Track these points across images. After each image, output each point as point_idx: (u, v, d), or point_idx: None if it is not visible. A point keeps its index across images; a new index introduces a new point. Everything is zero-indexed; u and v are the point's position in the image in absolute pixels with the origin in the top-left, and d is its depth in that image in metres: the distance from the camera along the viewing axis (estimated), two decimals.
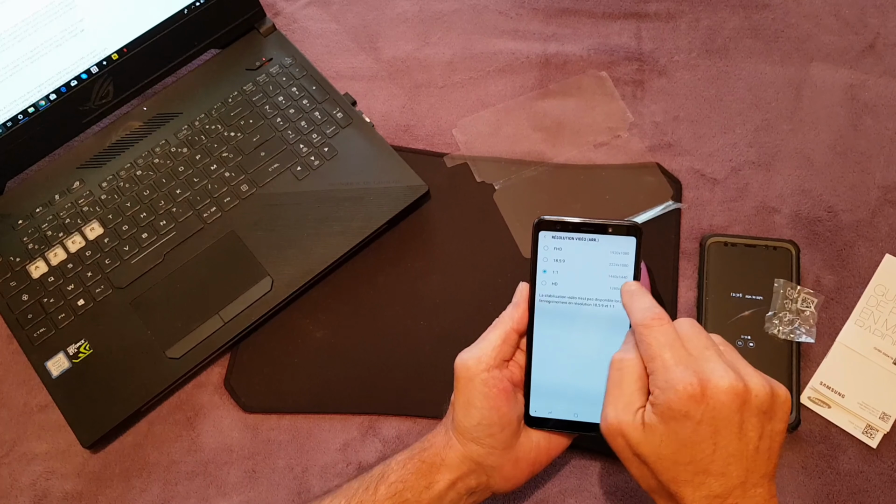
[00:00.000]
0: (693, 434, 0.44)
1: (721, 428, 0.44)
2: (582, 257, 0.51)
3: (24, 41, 0.67)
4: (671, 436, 0.44)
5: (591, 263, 0.51)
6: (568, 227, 0.51)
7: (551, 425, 0.53)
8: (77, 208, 0.72)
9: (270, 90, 0.76)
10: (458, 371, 0.52)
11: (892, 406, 0.62)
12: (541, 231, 0.51)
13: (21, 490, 0.64)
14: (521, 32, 0.81)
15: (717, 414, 0.43)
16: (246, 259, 0.68)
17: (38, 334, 0.67)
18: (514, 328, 0.52)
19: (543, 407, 0.53)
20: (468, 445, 0.52)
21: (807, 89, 0.76)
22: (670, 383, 0.44)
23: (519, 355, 0.54)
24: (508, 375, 0.52)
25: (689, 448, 0.44)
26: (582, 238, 0.51)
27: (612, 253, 0.51)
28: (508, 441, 0.52)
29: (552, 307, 0.52)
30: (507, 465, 0.52)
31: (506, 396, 0.51)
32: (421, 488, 0.52)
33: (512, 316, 0.52)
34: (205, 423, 0.66)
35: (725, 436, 0.44)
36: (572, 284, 0.52)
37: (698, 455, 0.44)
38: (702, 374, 0.44)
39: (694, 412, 0.43)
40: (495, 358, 0.51)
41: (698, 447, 0.44)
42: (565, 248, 0.51)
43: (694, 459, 0.44)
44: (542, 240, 0.52)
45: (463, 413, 0.51)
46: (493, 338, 0.52)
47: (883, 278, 0.67)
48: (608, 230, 0.51)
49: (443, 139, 0.76)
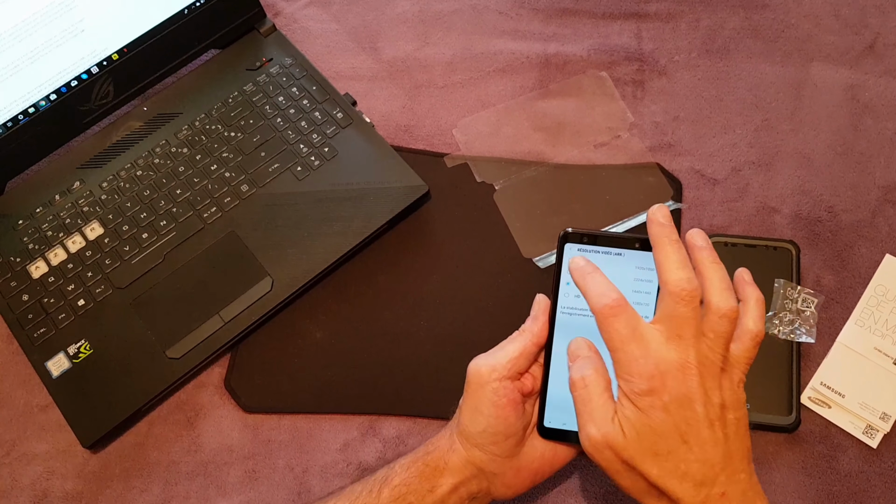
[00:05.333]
0: (665, 418, 0.44)
1: (685, 405, 0.44)
2: (606, 271, 0.51)
3: (24, 41, 0.67)
4: (647, 426, 0.44)
5: (615, 277, 0.50)
6: (594, 240, 0.51)
7: (564, 437, 0.52)
8: (77, 208, 0.72)
9: (271, 90, 0.76)
10: (470, 376, 0.52)
11: (892, 406, 0.62)
12: (567, 243, 0.51)
13: (21, 490, 0.64)
14: (522, 32, 0.81)
15: (676, 393, 0.44)
16: (246, 259, 0.68)
17: (38, 334, 0.67)
18: (535, 342, 0.52)
19: (558, 418, 0.52)
20: (471, 451, 0.52)
21: (807, 89, 0.76)
22: (633, 371, 0.44)
23: (534, 367, 0.53)
24: (520, 387, 0.52)
25: (665, 437, 0.44)
26: (608, 252, 0.51)
27: (637, 268, 0.50)
28: (512, 450, 0.52)
29: (573, 320, 0.52)
30: (509, 473, 0.52)
31: (514, 407, 0.51)
32: (424, 492, 0.52)
33: (532, 329, 0.52)
34: (205, 423, 0.66)
35: (692, 413, 0.44)
36: None
37: (673, 444, 0.44)
38: (657, 357, 0.44)
39: (659, 390, 0.44)
40: (510, 370, 0.51)
41: (672, 433, 0.44)
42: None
43: (671, 449, 0.44)
44: (568, 252, 0.51)
45: (469, 418, 0.51)
46: (511, 349, 0.51)
47: (883, 278, 0.67)
48: (635, 245, 0.50)
49: (443, 139, 0.76)
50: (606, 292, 0.46)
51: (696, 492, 0.44)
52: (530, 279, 0.68)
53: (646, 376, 0.44)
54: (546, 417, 0.52)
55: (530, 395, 0.53)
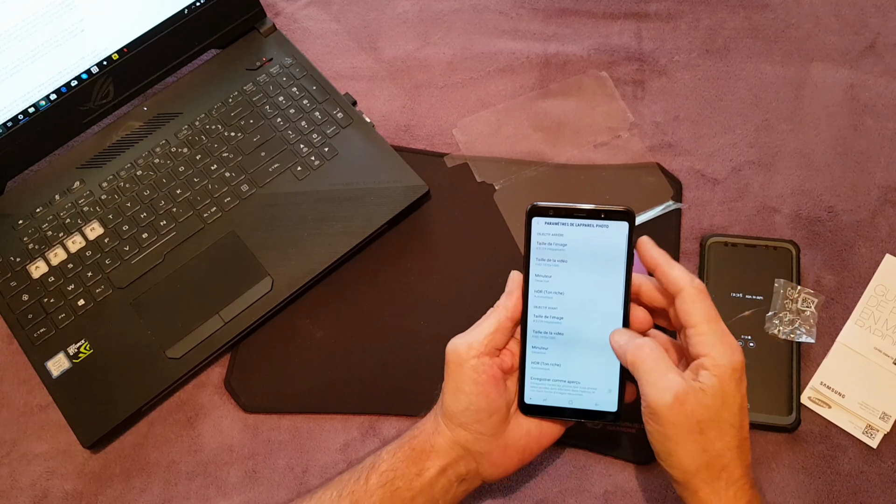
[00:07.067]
0: (734, 394, 0.48)
1: (741, 390, 0.49)
2: (575, 243, 0.51)
3: (24, 41, 0.67)
4: (721, 396, 0.47)
5: (585, 247, 0.51)
6: (561, 212, 0.51)
7: (546, 413, 0.53)
8: (77, 208, 0.72)
9: (271, 90, 0.76)
10: (448, 356, 0.52)
11: (892, 406, 0.62)
12: (534, 217, 0.51)
13: (21, 490, 0.64)
14: (522, 32, 0.81)
15: (742, 377, 0.49)
16: (246, 259, 0.68)
17: (38, 334, 0.67)
18: (508, 317, 0.52)
19: (538, 395, 0.53)
20: (456, 430, 0.52)
21: (807, 89, 0.76)
22: (732, 348, 0.48)
23: (512, 343, 0.54)
24: (499, 363, 0.52)
25: (730, 409, 0.47)
26: (574, 224, 0.51)
27: (605, 238, 0.51)
28: (496, 427, 0.52)
29: (545, 295, 0.52)
30: (496, 451, 0.52)
31: (495, 383, 0.51)
32: (412, 475, 0.52)
33: (506, 305, 0.53)
34: (205, 423, 0.66)
35: (744, 398, 0.49)
36: (566, 271, 0.52)
37: (736, 416, 0.48)
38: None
39: (739, 367, 0.48)
40: (486, 345, 0.51)
41: (739, 408, 0.48)
42: (558, 235, 0.51)
43: (732, 422, 0.48)
44: (535, 226, 0.51)
45: (452, 398, 0.52)
46: (486, 326, 0.52)
47: (883, 278, 0.67)
48: (601, 216, 0.50)
49: (443, 139, 0.76)
50: (692, 275, 0.50)
51: (735, 454, 0.48)
52: None
53: (737, 349, 0.48)
54: (526, 394, 0.53)
55: (510, 372, 0.53)
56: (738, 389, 0.48)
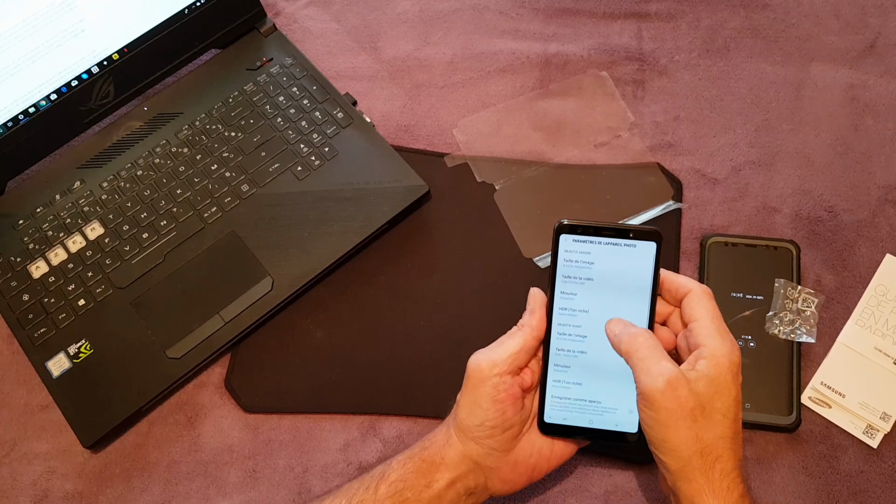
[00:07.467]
0: (730, 385, 0.48)
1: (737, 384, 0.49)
2: (602, 262, 0.51)
3: (24, 41, 0.67)
4: (715, 385, 0.47)
5: (612, 266, 0.51)
6: (589, 230, 0.51)
7: (565, 432, 0.53)
8: (77, 208, 0.72)
9: (271, 90, 0.76)
10: (470, 371, 0.52)
11: (892, 406, 0.62)
12: (562, 234, 0.51)
13: (21, 490, 0.64)
14: (522, 32, 0.81)
15: (739, 371, 0.49)
16: (246, 259, 0.68)
17: (38, 334, 0.67)
18: (535, 336, 0.52)
19: (558, 413, 0.52)
20: (468, 444, 0.52)
21: (807, 89, 0.76)
22: (731, 344, 0.49)
23: (532, 361, 0.53)
24: (520, 381, 0.52)
25: (725, 398, 0.48)
26: (601, 242, 0.51)
27: (632, 258, 0.51)
28: (508, 444, 0.52)
29: (570, 314, 0.52)
30: (506, 467, 0.52)
31: (513, 402, 0.51)
32: (421, 487, 0.52)
33: (531, 324, 0.52)
34: (205, 423, 0.66)
35: (737, 391, 0.49)
36: (591, 289, 0.51)
37: (731, 407, 0.48)
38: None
39: (737, 361, 0.49)
40: (510, 365, 0.51)
41: (734, 398, 0.48)
42: (585, 253, 0.51)
43: (726, 412, 0.48)
44: (563, 243, 0.51)
45: (467, 412, 0.52)
46: (511, 344, 0.52)
47: (883, 278, 0.67)
48: (629, 235, 0.50)
49: (443, 139, 0.76)
50: (695, 281, 0.52)
51: (728, 444, 0.48)
52: (530, 279, 0.68)
53: (736, 348, 0.49)
54: (546, 413, 0.52)
55: (529, 390, 0.53)
56: (734, 382, 0.48)
